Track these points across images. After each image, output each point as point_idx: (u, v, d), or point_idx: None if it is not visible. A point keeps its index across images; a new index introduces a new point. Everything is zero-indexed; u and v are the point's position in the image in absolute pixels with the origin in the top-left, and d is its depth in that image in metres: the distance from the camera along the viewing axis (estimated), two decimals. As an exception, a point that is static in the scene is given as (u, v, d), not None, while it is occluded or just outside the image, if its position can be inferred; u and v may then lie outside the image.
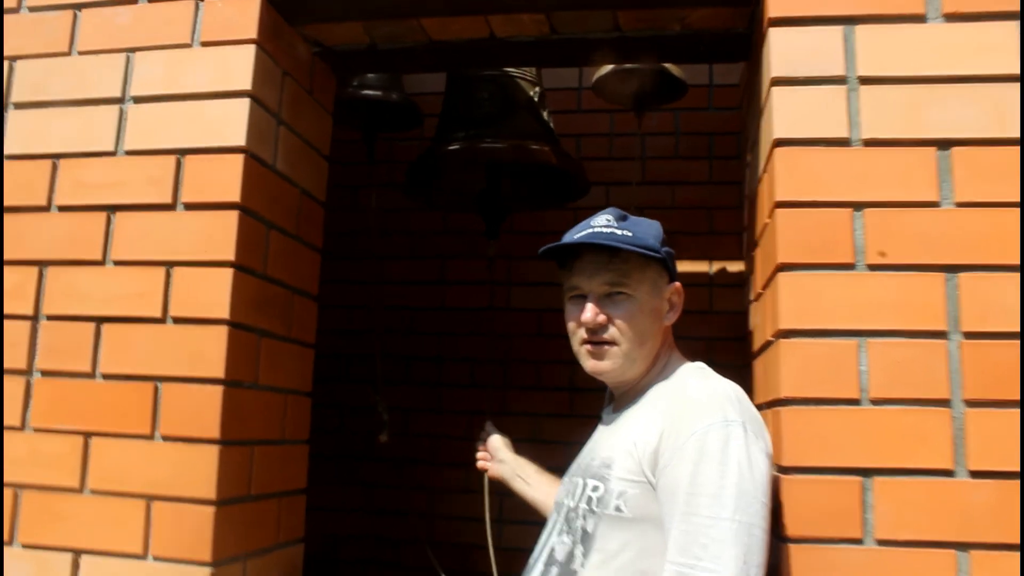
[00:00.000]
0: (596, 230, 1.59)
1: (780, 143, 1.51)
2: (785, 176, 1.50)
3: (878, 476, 1.38)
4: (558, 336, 3.25)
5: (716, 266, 3.27)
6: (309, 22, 1.84)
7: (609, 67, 2.71)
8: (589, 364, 1.61)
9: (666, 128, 3.34)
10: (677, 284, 1.65)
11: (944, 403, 1.39)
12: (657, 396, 1.56)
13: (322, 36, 1.92)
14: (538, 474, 2.00)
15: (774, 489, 1.40)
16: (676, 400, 1.50)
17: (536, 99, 2.72)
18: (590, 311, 1.57)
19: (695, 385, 1.53)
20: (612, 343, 1.58)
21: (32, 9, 1.81)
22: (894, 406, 1.40)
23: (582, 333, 1.60)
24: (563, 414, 3.25)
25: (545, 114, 2.75)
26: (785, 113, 1.52)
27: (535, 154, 2.62)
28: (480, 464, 2.14)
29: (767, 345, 1.61)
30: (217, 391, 1.60)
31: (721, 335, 3.14)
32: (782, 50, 1.54)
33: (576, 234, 1.61)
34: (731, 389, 1.48)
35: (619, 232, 1.57)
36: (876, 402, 1.41)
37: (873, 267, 1.45)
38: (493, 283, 3.24)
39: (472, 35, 1.89)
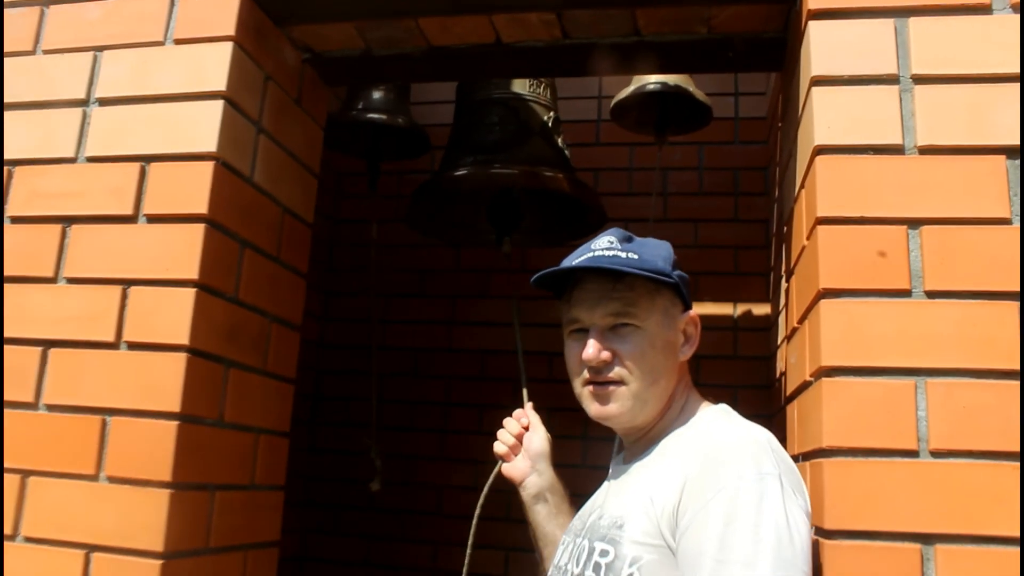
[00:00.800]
0: (597, 254, 1.38)
1: (822, 151, 1.31)
2: (828, 188, 1.29)
3: (940, 543, 1.15)
4: (566, 381, 3.11)
5: (741, 308, 3.06)
6: (297, 23, 1.67)
7: (629, 90, 2.54)
8: (593, 408, 1.39)
9: (689, 163, 3.16)
10: (692, 313, 1.44)
11: (1019, 457, 1.16)
12: (675, 444, 1.34)
13: (312, 40, 1.75)
14: (567, 508, 1.64)
15: (814, 556, 1.17)
16: (699, 449, 1.26)
17: (550, 124, 2.54)
18: (592, 347, 1.35)
19: (721, 431, 1.30)
20: (619, 383, 1.36)
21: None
22: (959, 459, 1.17)
23: (585, 373, 1.39)
24: (575, 464, 3.01)
25: (560, 140, 2.57)
26: (828, 117, 1.32)
27: (548, 181, 2.43)
28: (502, 452, 1.73)
29: (805, 386, 1.39)
30: (171, 427, 1.40)
31: (747, 382, 2.93)
32: (824, 46, 1.35)
33: (574, 259, 1.41)
34: (763, 435, 1.25)
35: (623, 255, 1.37)
36: (937, 454, 1.18)
37: (932, 294, 1.23)
38: (503, 325, 3.05)
39: (476, 40, 1.72)
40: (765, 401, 2.86)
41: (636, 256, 1.36)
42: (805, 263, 1.41)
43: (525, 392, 2.04)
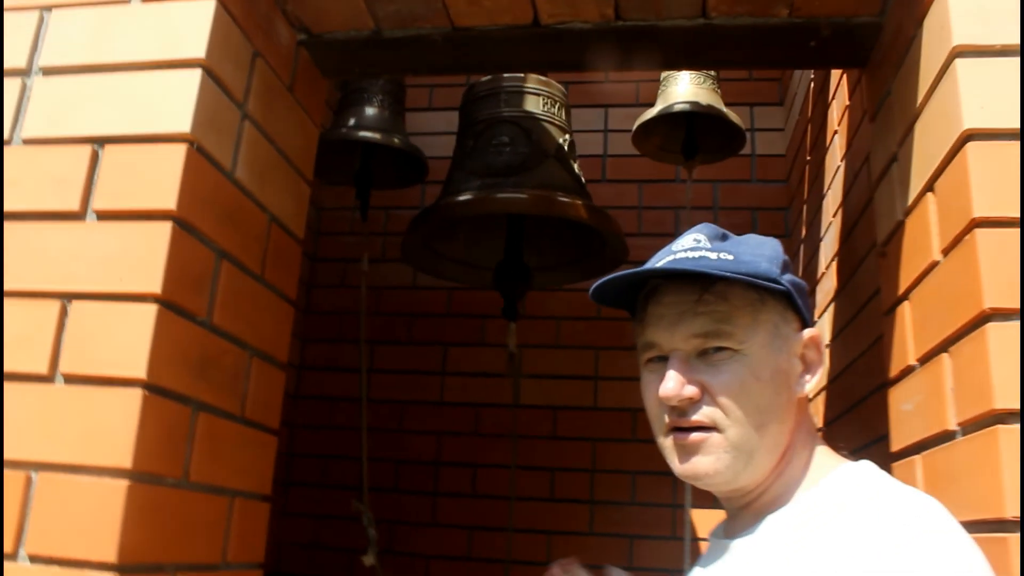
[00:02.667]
0: (679, 256, 1.04)
1: (974, 136, 1.02)
2: (986, 183, 1.01)
3: None
4: (573, 439, 2.82)
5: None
6: (294, -10, 1.37)
7: (655, 111, 2.27)
8: (678, 465, 1.02)
9: (703, 201, 2.91)
10: (813, 332, 1.06)
11: None
12: (807, 516, 0.97)
13: (310, 17, 1.45)
14: None
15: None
16: (859, 527, 0.87)
17: (566, 147, 2.26)
18: (672, 380, 0.99)
19: (896, 502, 0.90)
20: (711, 428, 0.99)
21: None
22: None
23: (666, 417, 1.02)
24: (581, 532, 2.69)
25: (576, 165, 2.29)
26: (979, 95, 1.04)
27: (563, 208, 2.14)
28: None
29: (945, 438, 1.08)
30: (118, 488, 1.05)
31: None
32: (967, 9, 1.08)
33: (644, 267, 1.05)
34: (951, 517, 0.88)
35: (714, 256, 1.02)
36: None
37: None
38: (501, 375, 2.73)
39: (509, 20, 1.42)
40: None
41: (731, 256, 1.01)
42: (939, 283, 1.12)
43: None
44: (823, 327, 2.22)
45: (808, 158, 2.52)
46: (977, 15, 1.07)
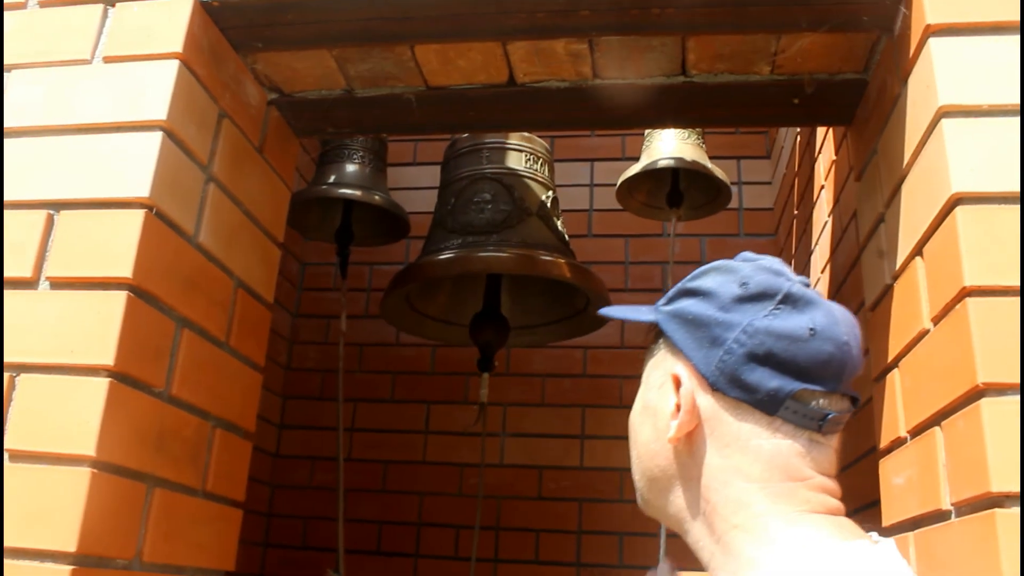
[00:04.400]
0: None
1: (962, 200, 0.98)
2: (977, 249, 0.96)
3: None
4: (559, 499, 2.74)
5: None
6: (263, 48, 1.33)
7: (639, 167, 2.24)
8: None
9: (691, 256, 2.86)
10: (675, 370, 0.90)
11: None
12: None
13: (280, 76, 1.41)
14: None
15: None
16: None
17: (549, 204, 2.22)
18: None
19: None
20: None
21: None
22: None
23: None
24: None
25: (559, 223, 2.25)
26: (968, 158, 1.00)
27: (546, 267, 2.10)
28: None
29: (938, 517, 1.02)
30: (62, 573, 0.99)
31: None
32: (952, 70, 1.04)
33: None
34: None
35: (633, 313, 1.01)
36: None
37: None
38: (485, 435, 2.66)
39: (484, 79, 1.39)
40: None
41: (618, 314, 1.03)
42: (929, 353, 1.07)
43: None
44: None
45: (795, 212, 2.49)
46: (963, 75, 1.04)
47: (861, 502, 1.58)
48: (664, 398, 0.91)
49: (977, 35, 1.06)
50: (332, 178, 2.29)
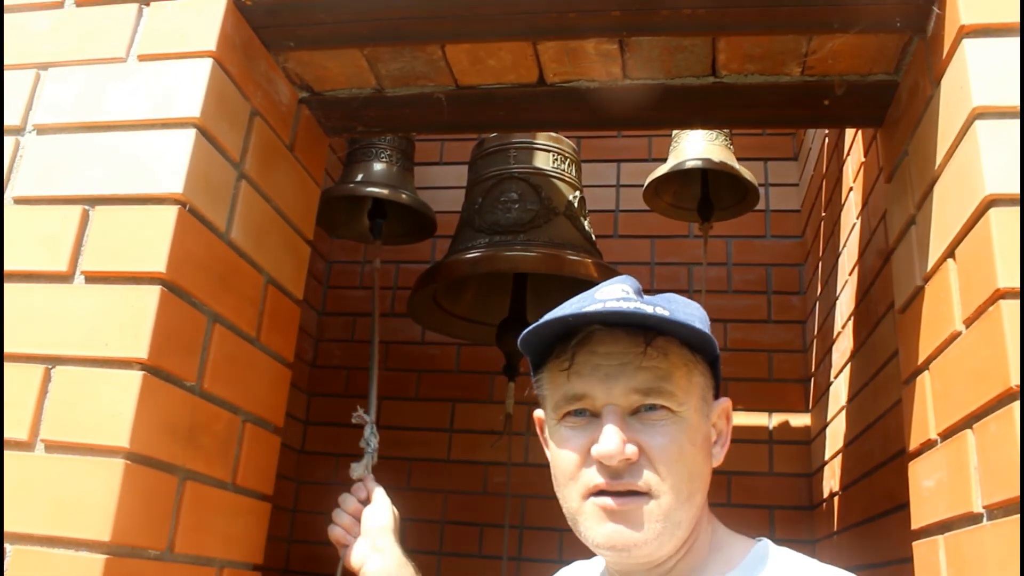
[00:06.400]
0: (608, 304, 0.93)
1: (996, 202, 0.98)
2: (1010, 252, 0.95)
3: None
4: None
5: (777, 419, 2.70)
6: (295, 48, 1.35)
7: (666, 168, 2.24)
8: (607, 533, 0.91)
9: (718, 257, 2.86)
10: (727, 403, 1.02)
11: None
12: None
13: (311, 75, 1.43)
14: None
15: None
16: None
17: (576, 204, 2.22)
18: (615, 437, 0.90)
19: None
20: (646, 494, 0.91)
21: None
22: None
23: (591, 478, 0.92)
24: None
25: (586, 223, 2.25)
26: (1001, 159, 0.99)
27: (572, 266, 2.10)
28: (337, 535, 1.41)
29: (968, 521, 1.02)
30: (95, 563, 1.00)
31: (785, 503, 2.56)
32: (986, 71, 1.04)
33: (572, 310, 0.95)
34: None
35: (649, 309, 0.92)
36: None
37: None
38: (505, 432, 2.67)
39: (514, 78, 1.40)
40: (807, 524, 2.49)
41: (666, 312, 0.92)
42: (961, 355, 1.06)
43: (372, 438, 1.59)
44: (840, 388, 2.16)
45: (823, 214, 2.48)
46: (998, 76, 1.03)
47: (889, 505, 1.57)
48: (709, 428, 0.99)
49: (1012, 36, 1.05)
50: (360, 176, 2.30)
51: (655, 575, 0.96)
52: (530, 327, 0.96)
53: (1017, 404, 0.90)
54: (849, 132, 2.06)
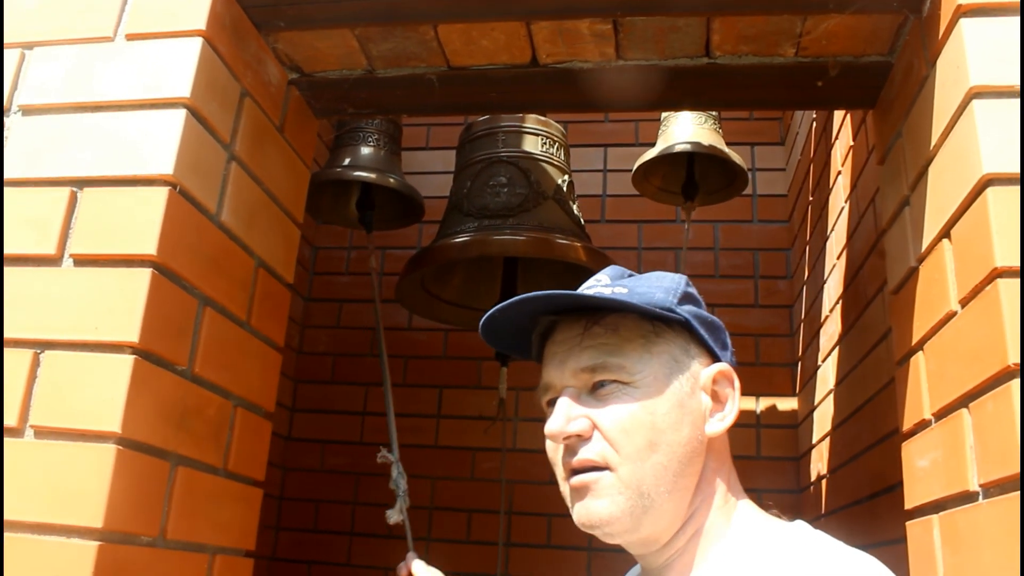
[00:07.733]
0: (569, 292, 0.96)
1: (993, 181, 0.98)
2: (1007, 230, 0.96)
3: None
4: None
5: (764, 404, 2.71)
6: (285, 28, 1.33)
7: (655, 152, 2.23)
8: (576, 512, 0.93)
9: (704, 242, 2.86)
10: (723, 367, 0.99)
11: None
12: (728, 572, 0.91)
13: (301, 56, 1.41)
14: None
15: None
16: None
17: (565, 188, 2.22)
18: (558, 416, 0.93)
19: (841, 569, 0.87)
20: (604, 467, 0.91)
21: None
22: None
23: (562, 459, 0.95)
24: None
25: (575, 207, 2.24)
26: (997, 138, 0.99)
27: (562, 250, 2.09)
28: None
29: (963, 500, 1.02)
30: (87, 550, 0.99)
31: (772, 486, 2.59)
32: (983, 50, 1.03)
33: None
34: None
35: (608, 291, 0.95)
36: None
37: None
38: (499, 419, 2.67)
39: (506, 59, 1.38)
40: (795, 507, 2.51)
41: (625, 290, 0.95)
42: (957, 335, 1.06)
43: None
44: (827, 371, 2.16)
45: (811, 199, 2.48)
46: (995, 55, 1.03)
47: (881, 485, 1.58)
48: (693, 394, 0.95)
49: (1009, 15, 1.05)
50: (347, 161, 2.29)
51: (667, 559, 0.96)
52: (486, 319, 1.00)
53: (1016, 382, 0.90)
54: (837, 116, 2.06)
